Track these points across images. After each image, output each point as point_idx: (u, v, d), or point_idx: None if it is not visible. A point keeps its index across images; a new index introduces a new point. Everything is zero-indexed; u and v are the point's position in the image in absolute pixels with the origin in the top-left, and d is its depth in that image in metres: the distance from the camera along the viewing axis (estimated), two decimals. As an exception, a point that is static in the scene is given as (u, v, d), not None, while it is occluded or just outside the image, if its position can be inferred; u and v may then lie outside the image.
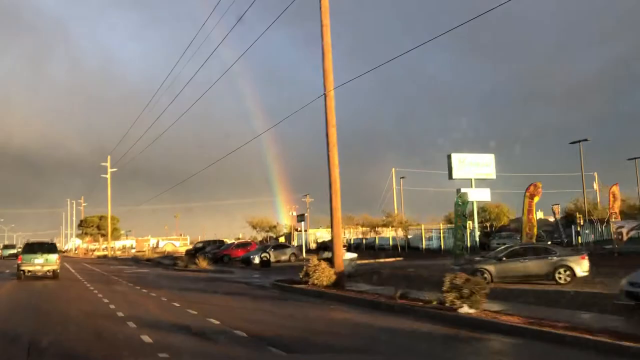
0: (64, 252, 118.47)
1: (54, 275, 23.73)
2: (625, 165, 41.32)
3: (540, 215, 39.99)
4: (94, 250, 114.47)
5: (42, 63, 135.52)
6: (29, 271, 23.57)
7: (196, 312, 12.20)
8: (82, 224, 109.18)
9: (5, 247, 69.30)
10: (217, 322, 10.60)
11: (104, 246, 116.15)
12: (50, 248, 24.64)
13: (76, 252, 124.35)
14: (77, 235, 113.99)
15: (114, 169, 69.55)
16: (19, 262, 23.99)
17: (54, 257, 23.78)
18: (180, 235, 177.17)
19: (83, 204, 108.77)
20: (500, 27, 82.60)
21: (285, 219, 62.63)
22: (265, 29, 47.41)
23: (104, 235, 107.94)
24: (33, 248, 24.53)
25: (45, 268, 23.63)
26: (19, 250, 39.32)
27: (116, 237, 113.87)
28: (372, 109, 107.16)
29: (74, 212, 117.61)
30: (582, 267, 16.41)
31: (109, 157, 68.80)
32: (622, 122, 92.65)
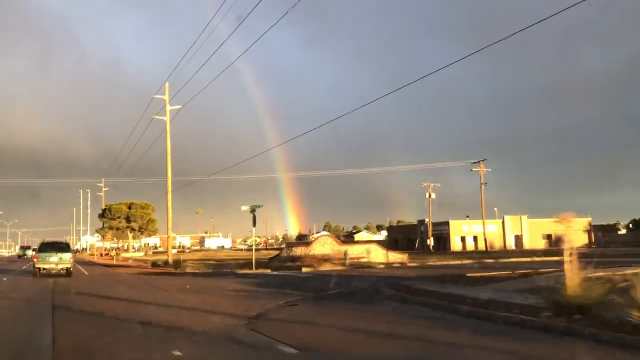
0: (75, 252, 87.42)
1: (68, 273, 25.17)
2: None
3: None
4: (118, 250, 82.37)
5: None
6: (44, 269, 25.05)
7: None
8: (104, 215, 76.91)
9: (22, 247, 79.20)
10: None
11: (136, 244, 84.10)
12: (63, 247, 26.23)
13: (90, 252, 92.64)
14: (97, 231, 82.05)
15: (177, 107, 37.71)
16: (35, 260, 25.74)
17: (67, 256, 25.29)
18: (206, 232, 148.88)
19: (104, 189, 76.99)
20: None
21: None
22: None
23: (134, 230, 76.23)
24: (47, 247, 25.83)
25: (59, 266, 24.97)
26: (34, 249, 40.08)
27: (152, 232, 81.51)
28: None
29: (89, 202, 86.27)
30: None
31: (167, 85, 38.13)
32: None
